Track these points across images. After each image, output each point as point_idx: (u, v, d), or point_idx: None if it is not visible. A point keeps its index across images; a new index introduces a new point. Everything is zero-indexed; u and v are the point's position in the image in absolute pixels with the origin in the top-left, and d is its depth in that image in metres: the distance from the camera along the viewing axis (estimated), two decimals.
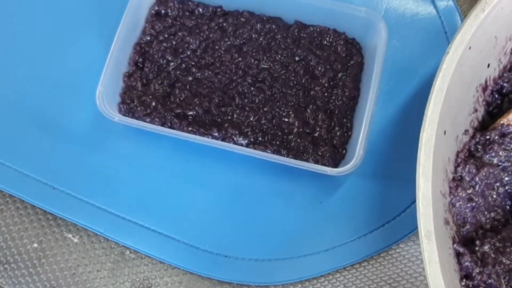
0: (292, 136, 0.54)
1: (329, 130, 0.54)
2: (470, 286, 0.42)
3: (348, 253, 0.53)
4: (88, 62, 0.58)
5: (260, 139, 0.54)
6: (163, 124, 0.54)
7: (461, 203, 0.45)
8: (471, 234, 0.45)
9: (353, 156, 0.50)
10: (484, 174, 0.46)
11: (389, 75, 0.58)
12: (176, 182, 0.55)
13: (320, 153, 0.53)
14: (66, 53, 0.59)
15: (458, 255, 0.43)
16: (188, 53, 0.57)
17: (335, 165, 0.53)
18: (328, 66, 0.56)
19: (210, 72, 0.56)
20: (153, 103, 0.54)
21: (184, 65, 0.57)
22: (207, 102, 0.55)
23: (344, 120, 0.55)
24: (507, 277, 0.43)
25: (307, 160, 0.53)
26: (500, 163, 0.47)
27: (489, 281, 0.42)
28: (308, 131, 0.54)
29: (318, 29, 0.58)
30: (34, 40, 0.59)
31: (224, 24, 0.58)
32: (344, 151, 0.54)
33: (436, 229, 0.39)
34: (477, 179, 0.45)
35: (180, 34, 0.57)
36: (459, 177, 0.46)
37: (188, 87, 0.56)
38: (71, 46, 0.59)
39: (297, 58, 0.57)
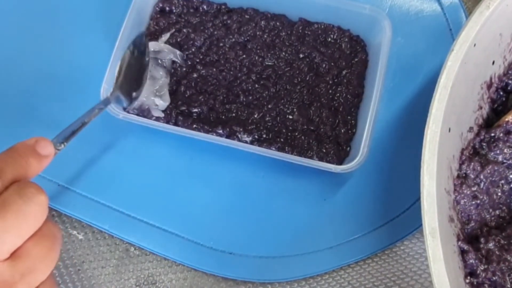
0: (297, 133, 0.54)
1: (333, 128, 0.54)
2: (475, 283, 0.42)
3: (352, 250, 0.53)
4: (93, 59, 0.58)
5: (264, 136, 0.54)
6: (167, 122, 0.54)
7: (465, 200, 0.45)
8: (476, 232, 0.45)
9: (357, 153, 0.50)
10: (489, 171, 0.46)
11: (394, 72, 0.58)
12: (180, 179, 0.55)
13: (324, 150, 0.53)
14: (70, 50, 0.59)
15: (463, 252, 0.43)
16: (193, 50, 0.57)
17: (340, 162, 0.53)
18: (332, 63, 0.56)
19: (214, 69, 0.56)
20: None
21: (189, 62, 0.57)
22: (212, 99, 0.55)
23: (349, 117, 0.55)
24: (511, 275, 0.43)
25: (311, 157, 0.53)
26: (505, 161, 0.47)
27: (494, 278, 0.42)
28: (312, 128, 0.54)
29: (322, 26, 0.58)
30: (38, 38, 0.59)
31: (229, 21, 0.58)
32: (348, 149, 0.54)
33: (441, 227, 0.39)
34: (481, 176, 0.45)
35: (184, 31, 0.57)
36: (464, 175, 0.46)
37: (193, 84, 0.56)
38: (76, 44, 0.59)
39: (301, 55, 0.57)
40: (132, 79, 0.53)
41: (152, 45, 0.55)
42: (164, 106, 0.54)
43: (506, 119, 0.47)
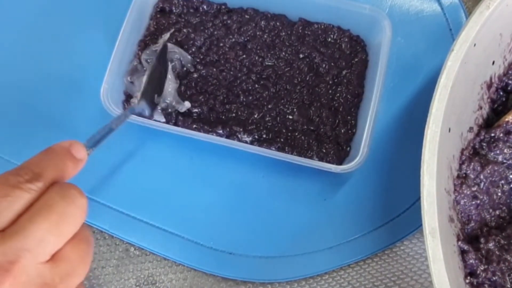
0: (297, 133, 0.54)
1: (333, 128, 0.54)
2: (475, 283, 0.42)
3: (352, 251, 0.53)
4: (93, 60, 0.58)
5: (264, 136, 0.54)
6: (167, 122, 0.54)
7: (465, 200, 0.45)
8: (476, 232, 0.45)
9: (357, 154, 0.50)
10: (488, 171, 0.46)
11: (394, 72, 0.58)
12: (180, 179, 0.55)
13: (324, 150, 0.53)
14: (70, 50, 0.59)
15: (463, 252, 0.43)
16: (193, 49, 0.57)
17: (339, 162, 0.53)
18: (332, 64, 0.56)
19: (214, 69, 0.56)
20: None
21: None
22: (212, 99, 0.55)
23: (349, 117, 0.55)
24: (511, 275, 0.43)
25: (311, 158, 0.53)
26: (505, 161, 0.46)
27: (494, 278, 0.42)
28: (312, 128, 0.54)
29: (322, 26, 0.58)
30: (38, 38, 0.59)
31: (229, 21, 0.58)
32: (348, 149, 0.54)
33: (441, 227, 0.39)
34: (481, 176, 0.45)
35: (184, 31, 0.57)
36: (464, 175, 0.46)
37: (193, 84, 0.56)
38: (76, 44, 0.59)
39: (301, 56, 0.57)
40: (155, 87, 0.53)
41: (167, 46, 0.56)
42: (188, 106, 0.54)
43: (506, 119, 0.47)
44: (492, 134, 0.47)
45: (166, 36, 0.56)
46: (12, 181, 0.31)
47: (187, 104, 0.54)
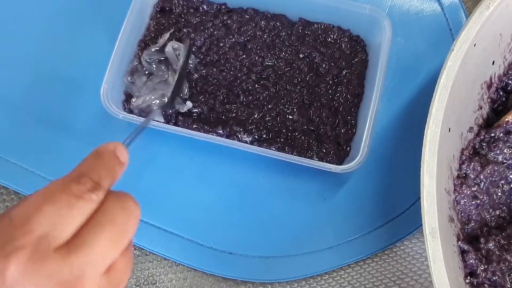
0: (297, 133, 0.54)
1: (333, 128, 0.54)
2: (475, 283, 0.42)
3: (352, 250, 0.53)
4: (93, 60, 0.58)
5: (264, 136, 0.54)
6: (167, 122, 0.54)
7: (465, 200, 0.45)
8: (476, 232, 0.45)
9: (357, 153, 0.50)
10: (488, 171, 0.46)
11: (394, 72, 0.58)
12: (180, 179, 0.55)
13: (324, 150, 0.53)
14: (71, 50, 0.59)
15: (463, 252, 0.43)
16: (193, 50, 0.57)
17: (340, 162, 0.53)
18: (332, 64, 0.56)
19: (214, 69, 0.56)
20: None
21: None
22: (212, 99, 0.55)
23: (349, 117, 0.55)
24: (511, 275, 0.43)
25: (311, 158, 0.53)
26: (505, 161, 0.47)
27: (494, 278, 0.42)
28: (312, 128, 0.54)
29: (322, 26, 0.58)
30: (38, 38, 0.59)
31: (229, 21, 0.58)
32: (348, 148, 0.54)
33: (441, 227, 0.39)
34: (481, 176, 0.45)
35: (184, 30, 0.57)
36: (464, 175, 0.46)
37: (193, 84, 0.56)
38: (76, 44, 0.59)
39: (301, 55, 0.57)
40: (178, 88, 0.53)
41: (171, 44, 0.55)
42: (189, 106, 0.54)
43: (506, 119, 0.47)
44: (492, 134, 0.47)
45: (166, 36, 0.56)
46: (75, 190, 0.31)
47: (189, 104, 0.54)
